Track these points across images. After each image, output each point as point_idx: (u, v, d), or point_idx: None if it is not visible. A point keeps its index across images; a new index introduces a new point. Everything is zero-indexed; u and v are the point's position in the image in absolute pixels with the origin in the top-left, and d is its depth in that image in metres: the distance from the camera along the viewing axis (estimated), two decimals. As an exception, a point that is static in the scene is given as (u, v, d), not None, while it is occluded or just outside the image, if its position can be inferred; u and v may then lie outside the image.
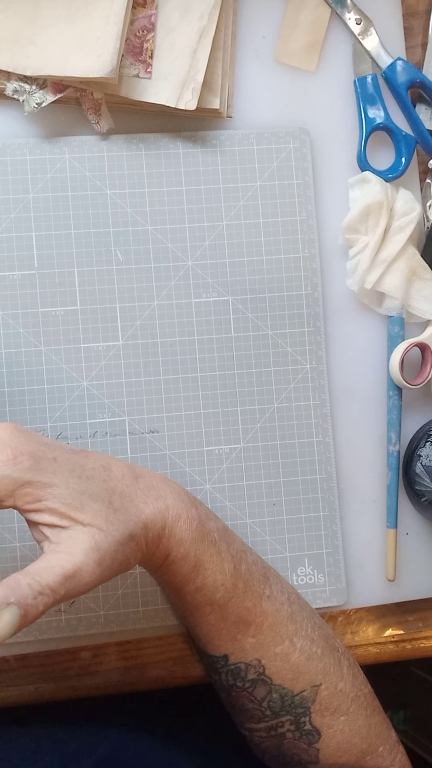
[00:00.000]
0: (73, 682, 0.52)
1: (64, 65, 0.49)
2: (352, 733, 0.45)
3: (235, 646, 0.44)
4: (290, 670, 0.44)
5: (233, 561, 0.44)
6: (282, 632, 0.45)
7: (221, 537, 0.44)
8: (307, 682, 0.45)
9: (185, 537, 0.42)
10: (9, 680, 0.51)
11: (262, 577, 0.46)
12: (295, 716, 0.45)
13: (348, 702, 0.45)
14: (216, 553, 0.43)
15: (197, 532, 0.42)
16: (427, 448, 0.52)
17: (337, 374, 0.55)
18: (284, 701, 0.45)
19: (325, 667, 0.45)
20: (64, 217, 0.52)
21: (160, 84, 0.51)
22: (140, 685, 0.52)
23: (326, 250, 0.55)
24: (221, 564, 0.43)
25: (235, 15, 0.54)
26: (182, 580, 0.43)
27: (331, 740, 0.45)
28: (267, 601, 0.45)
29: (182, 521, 0.42)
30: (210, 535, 0.43)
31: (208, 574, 0.43)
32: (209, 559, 0.43)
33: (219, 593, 0.43)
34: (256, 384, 0.53)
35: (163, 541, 0.41)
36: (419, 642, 0.55)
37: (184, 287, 0.53)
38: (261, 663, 0.44)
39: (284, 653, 0.44)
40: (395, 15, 0.56)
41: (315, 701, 0.45)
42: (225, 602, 0.43)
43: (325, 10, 0.55)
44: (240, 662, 0.44)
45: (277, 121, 0.55)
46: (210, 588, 0.43)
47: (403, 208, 0.54)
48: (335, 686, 0.45)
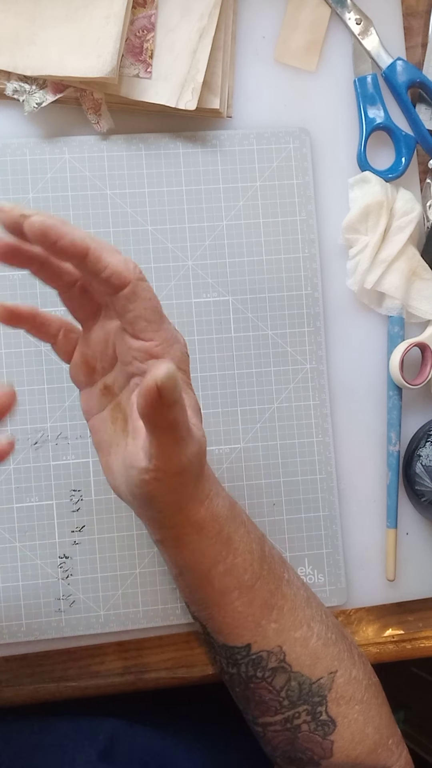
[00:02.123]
0: (73, 682, 0.52)
1: (64, 65, 0.49)
2: (366, 722, 0.46)
3: (259, 633, 0.45)
4: (309, 655, 0.45)
5: (260, 542, 0.45)
6: (300, 617, 0.46)
7: (248, 519, 0.45)
8: (325, 668, 0.45)
9: (221, 513, 0.43)
10: (9, 680, 0.51)
11: (281, 561, 0.47)
12: (312, 705, 0.45)
13: (362, 689, 0.46)
14: (245, 533, 0.44)
15: (230, 511, 0.44)
16: (427, 448, 0.52)
17: (337, 374, 0.55)
18: (302, 689, 0.45)
19: (340, 653, 0.46)
20: (64, 217, 0.52)
21: (160, 84, 0.51)
22: (140, 685, 0.52)
23: (326, 250, 0.55)
24: (250, 544, 0.44)
25: (235, 15, 0.54)
26: (212, 560, 0.43)
27: (345, 730, 0.45)
28: (286, 585, 0.46)
29: (221, 498, 0.43)
30: (240, 516, 0.45)
31: (239, 554, 0.43)
32: (240, 538, 0.44)
33: (247, 574, 0.44)
34: (256, 384, 0.53)
35: (201, 510, 0.42)
36: (419, 642, 0.55)
37: (184, 287, 0.53)
38: (282, 649, 0.45)
39: (303, 638, 0.45)
40: (395, 15, 0.56)
41: (331, 689, 0.45)
42: (252, 584, 0.44)
43: (325, 10, 0.55)
44: (262, 651, 0.45)
45: (277, 121, 0.55)
46: (239, 568, 0.44)
47: (403, 208, 0.54)
48: (350, 673, 0.46)
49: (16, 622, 0.50)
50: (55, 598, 0.51)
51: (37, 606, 0.50)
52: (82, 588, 0.51)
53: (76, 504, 0.51)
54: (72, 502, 0.51)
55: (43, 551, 0.51)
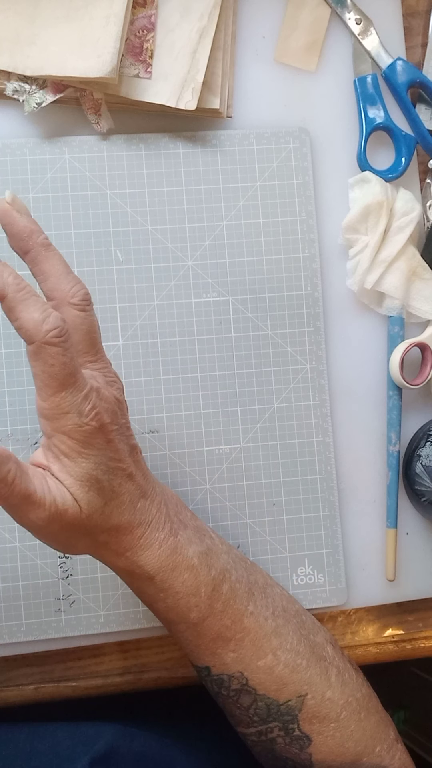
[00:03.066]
0: (73, 682, 0.52)
1: (64, 65, 0.49)
2: (344, 739, 0.45)
3: (216, 660, 0.44)
4: (274, 681, 0.44)
5: (213, 583, 0.43)
6: (265, 647, 0.44)
7: (201, 561, 0.43)
8: (292, 692, 0.44)
9: (151, 564, 0.42)
10: (9, 680, 0.51)
11: (246, 594, 0.45)
12: (283, 723, 0.45)
13: (337, 709, 0.45)
14: (191, 577, 0.43)
15: (168, 560, 0.42)
16: (427, 448, 0.52)
17: (337, 374, 0.55)
18: (270, 710, 0.45)
19: (311, 677, 0.45)
20: (64, 217, 0.52)
21: (160, 84, 0.51)
22: (140, 685, 0.52)
23: (326, 250, 0.55)
24: (196, 588, 0.43)
25: (235, 15, 0.54)
26: (150, 599, 0.43)
27: (322, 745, 0.45)
28: (249, 617, 0.44)
29: (150, 551, 0.42)
30: (185, 562, 0.43)
31: (180, 597, 0.43)
32: (181, 584, 0.42)
33: (193, 613, 0.43)
34: (256, 384, 0.53)
35: (122, 560, 0.42)
36: (419, 642, 0.55)
37: (184, 287, 0.53)
38: (244, 675, 0.44)
39: (267, 666, 0.44)
40: (395, 15, 0.56)
41: (302, 710, 0.45)
42: (199, 621, 0.43)
43: (325, 10, 0.55)
44: (222, 674, 0.44)
45: (277, 121, 0.55)
46: (182, 608, 0.43)
47: (403, 208, 0.54)
48: (322, 695, 0.45)
49: (16, 622, 0.50)
50: (55, 598, 0.51)
51: (37, 606, 0.50)
52: (82, 588, 0.51)
53: (76, 504, 0.51)
54: (72, 502, 0.51)
55: (43, 551, 0.51)
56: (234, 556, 0.47)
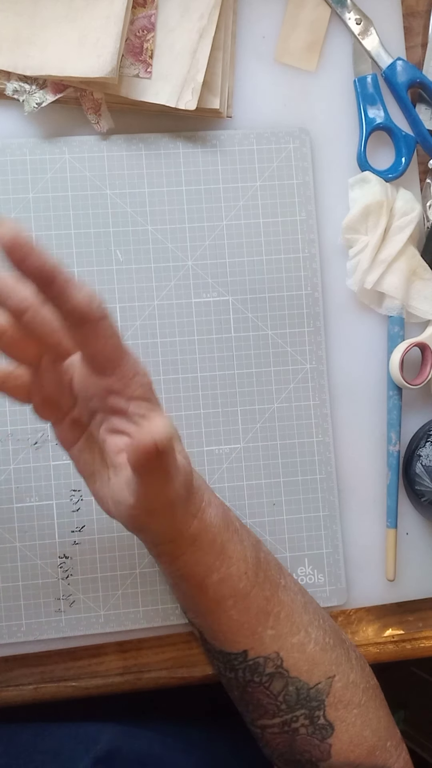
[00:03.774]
0: (73, 682, 0.52)
1: (64, 65, 0.49)
2: (364, 726, 0.46)
3: (255, 640, 0.45)
4: (306, 661, 0.45)
5: (254, 550, 0.45)
6: (298, 622, 0.45)
7: (242, 526, 0.45)
8: (322, 673, 0.45)
9: (214, 523, 0.43)
10: (9, 680, 0.51)
11: (277, 567, 0.47)
12: (309, 710, 0.45)
13: (360, 693, 0.46)
14: (239, 541, 0.44)
15: (223, 519, 0.43)
16: (427, 448, 0.52)
17: (337, 374, 0.55)
18: (300, 694, 0.45)
19: (338, 657, 0.46)
20: (64, 217, 0.52)
21: (160, 84, 0.51)
22: (140, 685, 0.52)
23: (326, 250, 0.55)
24: (244, 552, 0.44)
25: (235, 15, 0.54)
26: (206, 570, 0.43)
27: (344, 734, 0.45)
28: (283, 591, 0.46)
29: (213, 507, 0.43)
30: (233, 524, 0.44)
31: (233, 563, 0.43)
32: (233, 547, 0.43)
33: (242, 582, 0.44)
34: (256, 384, 0.53)
35: (195, 523, 0.42)
36: (419, 642, 0.55)
37: (184, 287, 0.53)
38: (279, 655, 0.45)
39: (300, 643, 0.45)
40: (395, 15, 0.56)
41: (329, 693, 0.45)
42: (248, 591, 0.44)
43: (325, 10, 0.55)
44: (259, 656, 0.45)
45: (277, 121, 0.55)
46: (234, 577, 0.43)
47: (403, 208, 0.54)
48: (347, 677, 0.46)
49: (16, 622, 0.50)
50: (55, 598, 0.51)
51: (37, 606, 0.51)
52: (82, 588, 0.51)
53: (76, 504, 0.51)
54: (72, 502, 0.51)
55: (43, 551, 0.51)
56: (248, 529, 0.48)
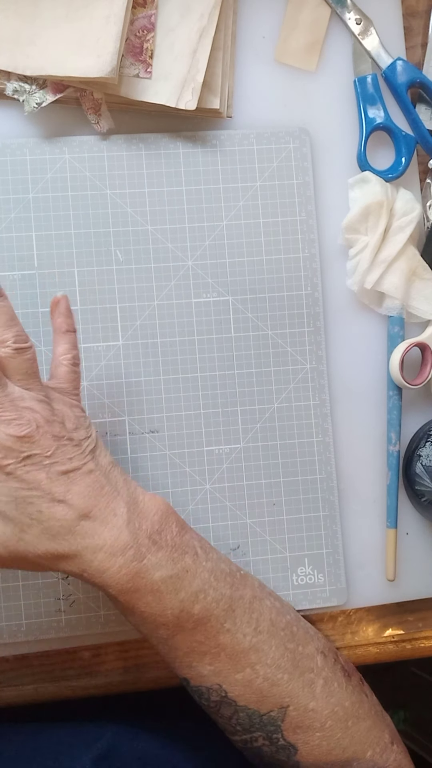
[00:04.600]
0: (73, 682, 0.52)
1: (64, 65, 0.49)
2: (331, 747, 0.45)
3: (192, 672, 0.44)
4: (254, 693, 0.44)
5: (181, 606, 0.43)
6: (242, 661, 0.44)
7: (168, 586, 0.43)
8: (274, 704, 0.44)
9: (110, 585, 0.42)
10: (9, 680, 0.51)
11: (224, 612, 0.44)
12: (266, 733, 0.44)
13: (322, 719, 0.45)
14: (155, 600, 0.42)
15: (129, 584, 0.42)
16: (427, 448, 0.52)
17: (337, 374, 0.55)
18: (252, 720, 0.44)
19: (292, 690, 0.45)
20: (64, 217, 0.52)
21: (160, 84, 0.51)
22: (140, 685, 0.52)
23: (326, 250, 0.55)
24: (162, 610, 0.42)
25: (235, 15, 0.54)
26: (121, 609, 0.44)
27: (309, 754, 0.45)
28: (225, 634, 0.44)
29: (108, 574, 0.41)
30: (149, 586, 0.42)
31: (146, 617, 0.42)
32: (145, 605, 0.42)
33: (161, 630, 0.43)
34: (256, 384, 0.53)
35: (84, 576, 0.42)
36: (419, 642, 0.55)
37: (184, 287, 0.53)
38: (222, 687, 0.44)
39: (246, 680, 0.44)
40: (395, 15, 0.56)
41: (284, 720, 0.44)
42: (169, 637, 0.43)
43: (325, 10, 0.55)
44: (201, 685, 0.44)
45: (277, 121, 0.55)
46: (150, 624, 0.43)
47: (403, 208, 0.54)
48: (305, 706, 0.45)
49: (16, 622, 0.50)
50: (55, 598, 0.51)
51: (37, 606, 0.50)
52: (82, 588, 0.51)
53: (76, 504, 0.51)
54: (72, 502, 0.51)
55: (43, 551, 0.51)
56: (219, 573, 0.45)
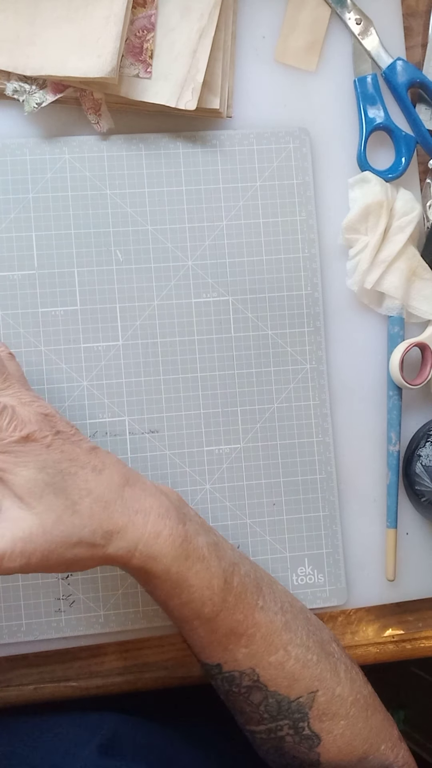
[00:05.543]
0: (73, 682, 0.52)
1: (64, 65, 0.49)
2: (353, 736, 0.45)
3: (228, 656, 0.44)
4: (285, 677, 0.44)
5: (224, 575, 0.43)
6: (276, 642, 0.44)
7: (211, 552, 0.43)
8: (304, 688, 0.44)
9: (165, 553, 0.41)
10: (9, 680, 0.51)
11: (255, 589, 0.45)
12: (293, 721, 0.45)
13: (347, 706, 0.45)
14: (204, 569, 0.43)
15: (180, 549, 0.42)
16: (427, 448, 0.52)
17: (337, 374, 0.55)
18: (281, 706, 0.44)
19: (321, 673, 0.45)
20: (64, 217, 0.52)
21: (160, 84, 0.51)
22: (140, 684, 0.52)
23: (326, 250, 0.55)
24: (209, 580, 0.43)
25: (235, 15, 0.54)
26: (165, 595, 0.43)
27: (331, 745, 0.45)
28: (260, 612, 0.44)
29: (162, 538, 0.41)
30: (197, 551, 0.43)
31: (194, 590, 0.42)
32: (195, 575, 0.42)
33: (207, 608, 0.43)
34: (256, 384, 0.53)
35: (136, 555, 0.41)
36: (419, 642, 0.55)
37: (184, 287, 0.53)
38: (255, 671, 0.44)
39: (279, 662, 0.44)
40: (395, 15, 0.56)
41: (312, 707, 0.45)
42: (213, 616, 0.43)
43: (325, 10, 0.55)
44: (234, 670, 0.44)
45: (277, 121, 0.55)
46: (197, 603, 0.43)
47: (403, 208, 0.54)
48: (332, 691, 0.45)
49: (16, 622, 0.50)
50: (55, 598, 0.51)
51: (37, 606, 0.50)
52: (82, 588, 0.51)
53: (76, 504, 0.51)
54: (72, 502, 0.51)
55: (43, 551, 0.51)
56: (239, 553, 0.47)
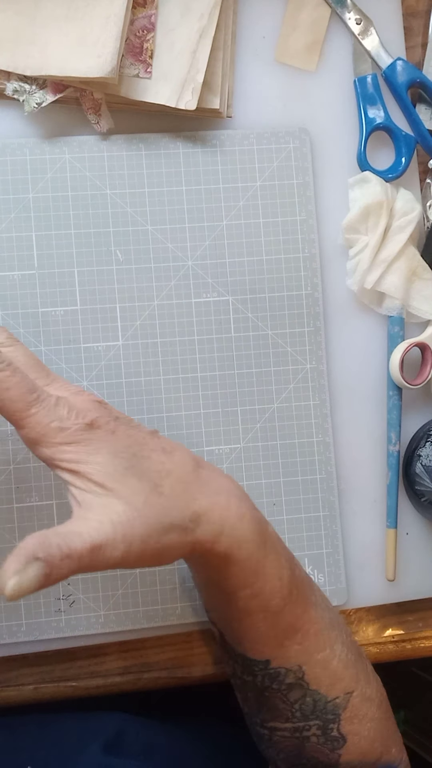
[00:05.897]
0: (73, 682, 0.52)
1: (64, 65, 0.49)
2: (375, 738, 0.45)
3: (280, 652, 0.43)
4: (328, 676, 0.44)
5: (290, 567, 0.42)
6: (325, 639, 0.44)
7: (279, 541, 0.42)
8: (342, 689, 0.44)
9: (248, 538, 0.40)
10: (9, 680, 0.51)
11: (309, 583, 0.44)
12: (324, 721, 0.44)
13: (374, 708, 0.45)
14: (276, 558, 0.41)
15: (259, 534, 0.40)
16: (427, 448, 0.52)
17: (337, 374, 0.55)
18: (317, 706, 0.44)
19: (358, 673, 0.45)
20: (64, 217, 0.52)
21: (160, 84, 0.51)
22: (140, 685, 0.52)
23: (326, 250, 0.55)
24: (280, 570, 0.41)
25: (235, 15, 0.54)
26: (239, 585, 0.41)
27: (355, 747, 0.44)
28: (313, 608, 0.43)
29: (245, 521, 0.40)
30: (271, 538, 0.41)
31: (267, 580, 0.41)
32: (270, 564, 0.41)
33: (275, 600, 0.41)
34: (256, 384, 0.53)
35: (222, 540, 0.39)
36: (419, 642, 0.55)
37: (184, 287, 0.53)
38: (302, 669, 0.43)
39: (325, 660, 0.43)
40: (395, 15, 0.56)
41: (346, 708, 0.44)
42: (279, 609, 0.42)
43: (325, 10, 0.55)
44: (281, 667, 0.43)
45: (277, 121, 0.55)
46: (267, 594, 0.41)
47: (403, 208, 0.54)
48: (365, 693, 0.45)
49: (16, 622, 0.50)
50: (55, 598, 0.51)
51: (37, 606, 0.51)
52: (82, 588, 0.51)
53: (76, 504, 0.51)
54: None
55: (43, 551, 0.51)
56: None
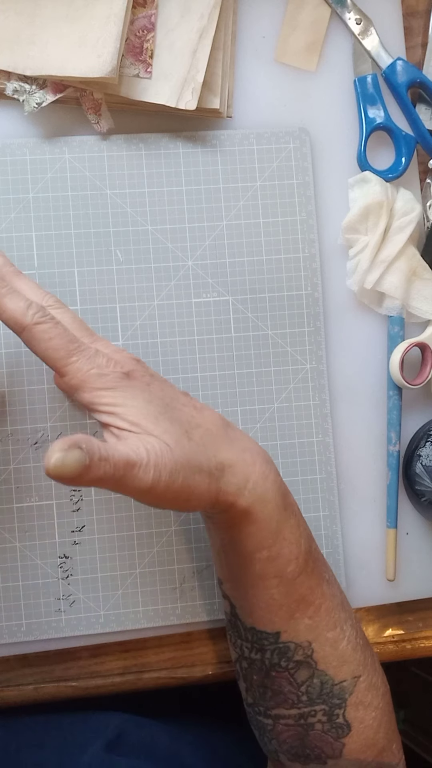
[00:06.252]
0: (73, 682, 0.52)
1: (64, 65, 0.49)
2: (379, 728, 0.45)
3: (291, 625, 0.44)
4: (336, 657, 0.44)
5: (308, 537, 0.44)
6: (335, 618, 0.44)
7: (299, 512, 0.44)
8: (350, 672, 0.44)
9: (270, 498, 0.41)
10: (9, 680, 0.51)
11: (323, 561, 0.46)
12: (330, 706, 0.44)
13: (379, 697, 0.45)
14: (296, 525, 0.43)
15: (282, 497, 0.42)
16: (427, 448, 0.52)
17: (337, 374, 0.55)
18: (323, 688, 0.44)
19: (365, 659, 0.45)
20: (64, 217, 0.52)
21: (160, 84, 0.51)
22: (140, 685, 0.52)
23: (326, 250, 0.55)
24: (298, 537, 0.43)
25: (235, 15, 0.54)
26: (257, 545, 0.42)
27: (359, 735, 0.45)
28: (326, 584, 0.45)
29: (269, 481, 0.41)
30: (292, 506, 0.43)
31: (285, 545, 0.42)
32: (289, 529, 0.42)
33: (291, 566, 0.42)
34: (256, 384, 0.53)
35: (245, 494, 0.40)
36: (419, 642, 0.55)
37: (184, 287, 0.53)
38: (311, 646, 0.44)
39: (334, 639, 0.44)
40: (395, 15, 0.56)
41: (353, 693, 0.44)
42: (294, 577, 0.43)
43: (325, 10, 0.55)
44: (291, 641, 0.44)
45: (277, 121, 0.55)
46: (284, 559, 0.42)
47: (403, 208, 0.54)
48: (371, 679, 0.45)
49: (16, 622, 0.50)
50: (55, 598, 0.51)
51: (37, 606, 0.51)
52: (82, 588, 0.51)
53: (76, 504, 0.51)
54: (72, 502, 0.51)
55: (43, 551, 0.51)
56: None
